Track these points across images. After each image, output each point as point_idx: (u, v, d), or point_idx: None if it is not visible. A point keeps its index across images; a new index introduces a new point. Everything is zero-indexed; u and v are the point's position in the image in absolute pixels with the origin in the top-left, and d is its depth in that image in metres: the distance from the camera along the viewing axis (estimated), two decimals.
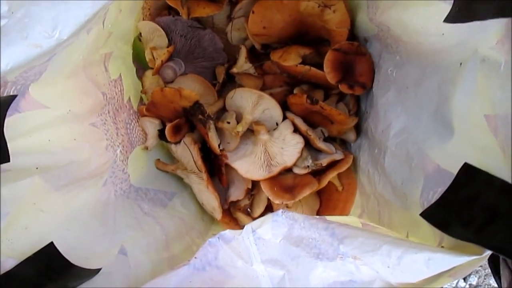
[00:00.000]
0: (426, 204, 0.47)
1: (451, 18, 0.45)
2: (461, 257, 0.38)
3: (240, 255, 0.51)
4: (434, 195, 0.44)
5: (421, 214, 0.45)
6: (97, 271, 0.49)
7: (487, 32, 0.41)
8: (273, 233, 0.51)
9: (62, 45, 0.39)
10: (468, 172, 0.41)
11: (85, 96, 0.61)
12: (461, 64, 0.46)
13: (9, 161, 0.40)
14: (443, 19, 0.45)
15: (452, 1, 0.44)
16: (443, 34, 0.46)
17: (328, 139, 0.79)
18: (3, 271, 0.41)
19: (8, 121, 0.42)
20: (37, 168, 0.49)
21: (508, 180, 0.37)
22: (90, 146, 0.61)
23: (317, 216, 0.49)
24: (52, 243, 0.47)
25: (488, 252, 0.37)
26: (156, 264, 0.58)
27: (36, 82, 0.46)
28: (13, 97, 0.40)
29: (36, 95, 0.48)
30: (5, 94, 0.39)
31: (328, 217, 0.50)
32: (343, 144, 0.83)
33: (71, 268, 0.46)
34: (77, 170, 0.57)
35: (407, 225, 0.53)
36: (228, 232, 0.54)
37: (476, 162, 0.41)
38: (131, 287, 0.50)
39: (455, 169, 0.43)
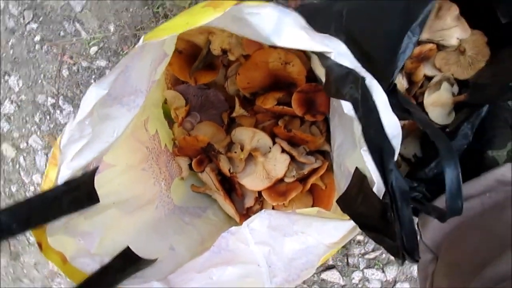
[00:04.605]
0: None
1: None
2: (346, 222, 0.65)
3: (242, 241, 0.70)
4: None
5: (336, 201, 0.72)
6: (155, 260, 0.80)
7: None
8: (260, 225, 0.70)
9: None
10: (356, 173, 0.68)
11: (135, 152, 0.93)
12: None
13: (99, 201, 0.72)
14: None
15: None
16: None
17: (312, 153, 1.07)
18: (104, 263, 0.74)
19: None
20: (113, 203, 0.82)
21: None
22: (143, 184, 0.94)
23: (282, 211, 0.77)
24: (128, 246, 0.79)
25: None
26: (194, 254, 0.88)
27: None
28: (96, 168, 0.73)
29: (107, 159, 0.81)
30: (91, 168, 0.72)
31: (297, 210, 0.78)
32: (327, 154, 1.10)
33: (140, 259, 0.76)
34: (137, 200, 0.90)
35: None
36: (233, 228, 0.80)
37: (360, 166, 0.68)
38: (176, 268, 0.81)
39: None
